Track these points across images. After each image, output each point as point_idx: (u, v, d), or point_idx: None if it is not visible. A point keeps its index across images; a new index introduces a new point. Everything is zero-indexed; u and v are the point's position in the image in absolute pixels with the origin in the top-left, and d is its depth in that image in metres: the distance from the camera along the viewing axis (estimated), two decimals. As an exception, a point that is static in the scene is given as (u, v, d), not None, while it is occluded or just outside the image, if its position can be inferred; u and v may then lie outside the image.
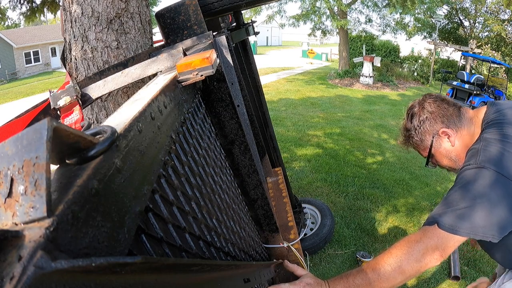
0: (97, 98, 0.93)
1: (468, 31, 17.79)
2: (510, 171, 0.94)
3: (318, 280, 1.06)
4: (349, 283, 1.00)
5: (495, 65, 12.50)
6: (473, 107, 8.50)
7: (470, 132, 1.15)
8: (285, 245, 1.26)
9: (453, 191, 1.00)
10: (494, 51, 15.97)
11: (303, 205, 3.03)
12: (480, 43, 16.42)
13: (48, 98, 0.92)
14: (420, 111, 1.19)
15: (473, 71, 13.14)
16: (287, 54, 27.94)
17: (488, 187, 0.94)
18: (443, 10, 17.61)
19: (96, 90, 0.91)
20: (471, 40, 16.10)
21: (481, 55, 13.83)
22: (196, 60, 0.64)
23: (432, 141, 1.16)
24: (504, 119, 1.07)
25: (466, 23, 18.07)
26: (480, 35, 17.47)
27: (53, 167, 0.27)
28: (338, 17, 13.22)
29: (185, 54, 0.79)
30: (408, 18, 15.28)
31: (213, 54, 0.69)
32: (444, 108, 1.15)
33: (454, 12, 17.88)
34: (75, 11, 1.46)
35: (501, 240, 0.97)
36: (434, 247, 0.96)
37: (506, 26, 16.02)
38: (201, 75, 0.64)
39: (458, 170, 1.16)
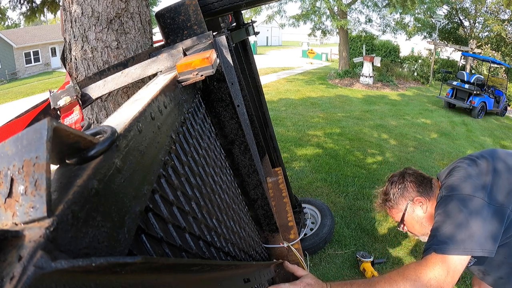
0: (97, 98, 0.93)
1: (468, 31, 17.79)
2: (475, 192, 1.06)
3: (319, 281, 1.06)
4: None
5: (495, 65, 12.50)
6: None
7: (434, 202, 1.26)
8: (285, 245, 1.26)
9: (438, 223, 1.08)
10: (494, 51, 15.98)
11: (303, 205, 3.03)
12: (480, 43, 16.43)
13: (48, 98, 0.92)
14: (400, 179, 1.33)
15: (473, 71, 13.15)
16: (287, 54, 27.94)
17: (459, 207, 1.05)
18: (443, 10, 17.62)
19: (96, 90, 0.91)
20: (471, 40, 16.11)
21: (481, 55, 13.83)
22: (196, 60, 0.64)
23: (407, 205, 1.28)
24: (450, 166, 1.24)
25: (466, 23, 18.08)
26: (480, 35, 17.48)
27: (53, 167, 0.27)
28: (338, 17, 13.22)
29: (185, 54, 0.79)
30: (408, 18, 15.30)
31: (213, 54, 0.69)
32: (420, 180, 1.30)
33: (454, 12, 17.88)
34: (75, 11, 1.46)
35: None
36: (442, 273, 0.99)
37: (506, 26, 16.02)
38: (201, 75, 0.64)
39: (423, 237, 1.29)
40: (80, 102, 0.87)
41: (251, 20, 2.18)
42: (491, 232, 1.01)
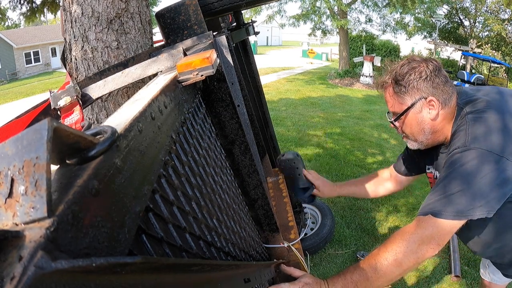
0: (97, 98, 0.93)
1: (468, 31, 17.78)
2: (497, 147, 0.93)
3: (317, 279, 1.06)
4: (347, 281, 1.00)
5: (495, 65, 12.51)
6: None
7: (451, 112, 1.10)
8: (286, 245, 1.26)
9: (443, 178, 0.99)
10: (494, 51, 15.97)
11: (303, 205, 3.03)
12: (480, 42, 16.42)
13: (49, 99, 0.92)
14: (423, 67, 1.07)
15: (473, 71, 13.14)
16: (287, 54, 27.94)
17: (476, 166, 0.93)
18: (443, 10, 17.61)
19: (96, 90, 0.91)
20: (471, 40, 16.11)
21: (481, 54, 13.82)
22: (196, 60, 0.64)
23: (417, 101, 1.07)
24: (478, 96, 1.07)
25: (466, 23, 18.07)
26: (480, 34, 17.47)
27: (54, 167, 0.27)
28: (338, 17, 13.22)
29: (185, 54, 0.79)
30: (408, 18, 15.29)
31: (213, 54, 0.69)
32: (443, 81, 1.07)
33: (454, 12, 17.87)
34: (75, 11, 1.46)
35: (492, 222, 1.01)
36: (430, 237, 0.96)
37: (506, 26, 16.01)
38: (201, 75, 0.64)
39: (417, 143, 1.16)
40: (81, 102, 0.87)
41: (251, 20, 2.18)
42: (500, 197, 0.93)
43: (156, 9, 25.29)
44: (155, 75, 0.82)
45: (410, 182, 1.53)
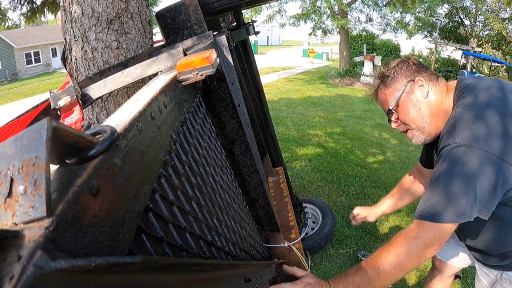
0: (97, 98, 0.93)
1: (469, 30, 17.76)
2: (498, 149, 0.93)
3: (319, 279, 1.06)
4: (348, 282, 1.00)
5: (496, 64, 12.49)
6: None
7: (443, 97, 1.14)
8: (286, 244, 1.26)
9: (441, 175, 0.98)
10: (494, 50, 15.95)
11: (304, 204, 3.03)
12: (481, 42, 16.39)
13: (49, 98, 0.92)
14: (404, 61, 1.19)
15: (474, 70, 13.12)
16: (288, 54, 27.94)
17: (477, 167, 0.93)
18: (443, 9, 17.59)
19: (96, 90, 0.91)
20: (472, 39, 16.07)
21: (481, 54, 13.80)
22: (196, 60, 0.64)
23: (406, 85, 1.14)
24: (478, 87, 1.08)
25: (467, 22, 18.05)
26: (480, 34, 17.45)
27: (53, 167, 0.27)
28: (339, 16, 13.21)
29: (185, 54, 0.79)
30: (408, 17, 15.27)
31: (213, 54, 0.69)
32: (425, 68, 1.17)
33: (455, 11, 17.85)
34: (75, 11, 1.46)
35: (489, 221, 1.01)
36: (433, 240, 0.96)
37: (506, 25, 15.99)
38: (201, 75, 0.64)
39: (420, 132, 1.17)
40: (81, 102, 0.87)
41: (252, 19, 2.18)
42: (497, 199, 0.95)
43: (156, 9, 25.28)
44: (155, 75, 0.82)
45: None
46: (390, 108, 1.18)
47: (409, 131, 1.21)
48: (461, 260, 1.66)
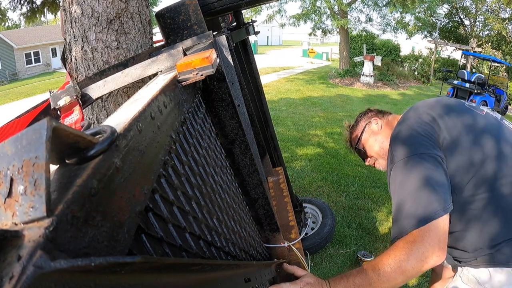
0: (97, 98, 0.93)
1: (469, 30, 17.77)
2: (418, 149, 1.05)
3: (319, 279, 1.06)
4: (349, 283, 1.00)
5: (496, 64, 12.48)
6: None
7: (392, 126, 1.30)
8: (286, 244, 1.26)
9: (401, 190, 1.04)
10: (494, 50, 15.95)
11: (304, 204, 3.03)
12: (481, 42, 16.40)
13: (48, 98, 0.92)
14: (364, 111, 1.49)
15: (473, 70, 13.11)
16: (288, 54, 27.94)
17: (419, 168, 1.02)
18: (443, 9, 17.59)
19: (96, 90, 0.91)
20: (472, 39, 16.08)
21: (481, 54, 13.80)
22: (196, 60, 0.64)
23: (366, 125, 1.39)
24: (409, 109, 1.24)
25: (467, 22, 18.06)
26: (480, 34, 17.46)
27: (53, 167, 0.27)
28: (339, 16, 13.21)
29: (185, 54, 0.79)
30: (408, 17, 15.28)
31: (213, 54, 0.69)
32: (379, 111, 1.44)
33: (455, 11, 17.86)
34: (75, 11, 1.46)
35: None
36: (432, 243, 0.96)
37: (506, 25, 16.00)
38: (201, 75, 0.64)
39: (383, 160, 1.33)
40: (80, 102, 0.87)
41: (252, 19, 2.18)
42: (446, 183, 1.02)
43: (156, 9, 25.30)
44: (155, 75, 0.82)
45: None
46: (356, 146, 1.42)
47: (376, 162, 1.39)
48: None
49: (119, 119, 0.38)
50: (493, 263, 1.07)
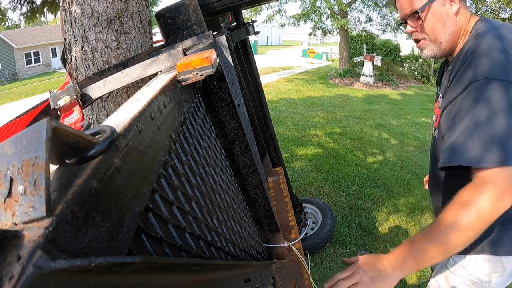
0: (97, 98, 0.93)
1: (469, 30, 17.75)
2: None
3: (373, 255, 0.98)
4: (414, 249, 0.88)
5: (496, 64, 12.45)
6: None
7: (466, 21, 1.11)
8: (286, 244, 1.26)
9: (473, 114, 0.89)
10: (494, 50, 15.92)
11: (304, 204, 3.03)
12: (481, 42, 16.36)
13: (48, 98, 0.92)
14: None
15: (473, 70, 13.07)
16: (288, 54, 27.94)
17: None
18: (443, 9, 17.59)
19: (96, 90, 0.91)
20: (472, 39, 16.05)
21: (481, 54, 13.76)
22: (196, 60, 0.64)
23: None
24: (496, 23, 1.06)
25: (467, 22, 18.05)
26: (480, 34, 17.41)
27: (53, 167, 0.27)
28: (339, 16, 13.22)
29: (185, 54, 0.79)
30: (408, 17, 15.24)
31: (213, 54, 0.69)
32: None
33: (455, 11, 17.85)
34: (75, 11, 1.46)
35: None
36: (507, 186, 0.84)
37: (506, 25, 15.98)
38: (201, 75, 0.64)
39: (435, 46, 1.13)
40: (80, 102, 0.87)
41: (251, 19, 2.18)
42: None
43: (156, 9, 25.29)
44: (155, 75, 0.82)
45: None
46: (419, 10, 1.10)
47: (424, 41, 1.15)
48: None
49: (119, 119, 0.38)
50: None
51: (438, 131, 1.18)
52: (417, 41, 1.18)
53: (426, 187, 1.70)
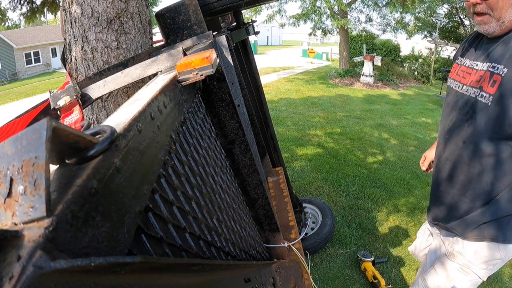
0: (97, 98, 0.93)
1: (469, 30, 17.74)
2: None
3: None
4: None
5: (496, 64, 12.44)
6: None
7: None
8: (286, 244, 1.26)
9: None
10: (494, 50, 15.91)
11: (304, 204, 3.03)
12: (481, 42, 16.35)
13: (48, 98, 0.92)
14: None
15: (473, 70, 13.07)
16: (288, 54, 27.93)
17: None
18: (443, 9, 17.58)
19: (96, 90, 0.91)
20: (472, 39, 16.03)
21: (481, 54, 13.76)
22: (196, 60, 0.64)
23: None
24: None
25: (467, 22, 18.03)
26: (480, 34, 17.39)
27: (53, 167, 0.27)
28: (339, 16, 13.21)
29: (185, 54, 0.79)
30: (408, 17, 15.28)
31: (213, 54, 0.69)
32: None
33: (455, 11, 17.84)
34: (75, 11, 1.46)
35: None
36: None
37: (506, 25, 15.96)
38: (201, 75, 0.64)
39: (497, 24, 1.12)
40: (80, 102, 0.87)
41: (251, 19, 2.18)
42: None
43: (156, 9, 25.27)
44: (155, 75, 0.82)
45: None
46: None
47: (488, 16, 1.14)
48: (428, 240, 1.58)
49: (119, 119, 0.38)
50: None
51: (498, 98, 1.13)
52: (478, 14, 1.15)
53: (424, 168, 1.71)
